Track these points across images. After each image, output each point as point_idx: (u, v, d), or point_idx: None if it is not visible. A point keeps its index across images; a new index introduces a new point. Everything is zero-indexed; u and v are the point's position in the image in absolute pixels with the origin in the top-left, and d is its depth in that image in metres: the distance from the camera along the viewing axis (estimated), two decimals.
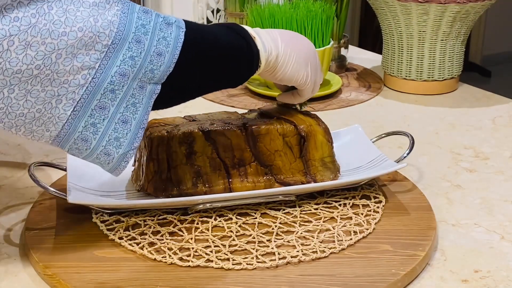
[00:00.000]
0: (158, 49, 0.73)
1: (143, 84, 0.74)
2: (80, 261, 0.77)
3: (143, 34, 0.73)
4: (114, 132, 0.73)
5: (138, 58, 0.72)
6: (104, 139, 0.73)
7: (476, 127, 1.21)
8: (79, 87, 0.70)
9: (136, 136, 0.75)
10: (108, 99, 0.72)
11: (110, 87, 0.72)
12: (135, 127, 0.74)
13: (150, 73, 0.73)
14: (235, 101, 1.33)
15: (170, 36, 0.74)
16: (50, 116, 0.71)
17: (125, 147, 0.74)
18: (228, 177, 0.88)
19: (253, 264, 0.76)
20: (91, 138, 0.73)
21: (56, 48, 0.68)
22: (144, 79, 0.73)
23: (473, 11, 1.31)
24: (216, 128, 0.88)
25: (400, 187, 0.95)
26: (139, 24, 0.73)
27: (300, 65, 0.86)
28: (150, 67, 0.73)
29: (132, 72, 0.72)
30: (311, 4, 1.30)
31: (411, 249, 0.79)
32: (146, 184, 0.86)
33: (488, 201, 0.95)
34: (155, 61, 0.73)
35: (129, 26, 0.72)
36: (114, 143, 0.74)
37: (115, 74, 0.71)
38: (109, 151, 0.74)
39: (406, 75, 1.37)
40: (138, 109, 0.74)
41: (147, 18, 0.74)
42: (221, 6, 1.52)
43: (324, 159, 0.91)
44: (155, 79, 0.74)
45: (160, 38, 0.73)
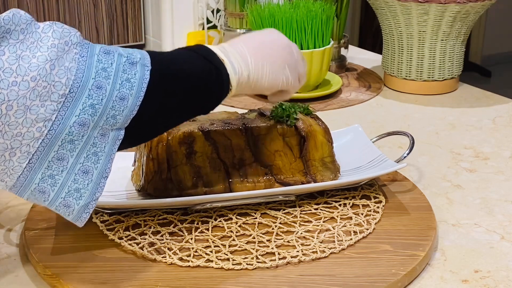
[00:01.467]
0: (121, 93, 0.67)
1: (104, 131, 0.68)
2: (80, 261, 0.77)
3: (104, 78, 0.67)
4: (74, 183, 0.68)
5: (99, 106, 0.66)
6: (63, 191, 0.68)
7: (476, 127, 1.21)
8: (34, 140, 0.65)
9: (98, 186, 0.70)
10: (66, 150, 0.67)
11: (68, 138, 0.66)
12: (97, 177, 0.69)
13: (112, 119, 0.68)
14: (235, 101, 1.33)
15: (135, 77, 0.68)
16: (4, 168, 0.65)
17: (86, 198, 0.69)
18: (228, 177, 0.88)
19: (253, 264, 0.76)
20: (49, 190, 0.67)
21: (6, 99, 0.62)
22: (105, 126, 0.68)
23: (473, 11, 1.31)
24: (216, 128, 0.88)
25: (400, 187, 0.95)
26: (100, 67, 0.67)
27: (276, 72, 0.81)
28: (112, 113, 0.67)
29: (92, 120, 0.66)
30: (311, 4, 1.30)
31: (411, 249, 0.79)
32: (146, 184, 0.86)
33: (488, 201, 0.95)
34: (118, 106, 0.67)
35: (88, 71, 0.66)
36: (74, 194, 0.68)
37: (74, 124, 0.66)
38: (69, 202, 0.69)
39: (406, 75, 1.37)
40: (100, 158, 0.69)
41: (108, 60, 0.68)
42: (221, 6, 1.52)
43: (324, 159, 0.91)
44: (117, 124, 0.68)
45: (123, 81, 0.68)
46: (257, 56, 0.80)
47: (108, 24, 1.60)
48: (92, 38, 1.58)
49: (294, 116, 0.90)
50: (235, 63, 0.78)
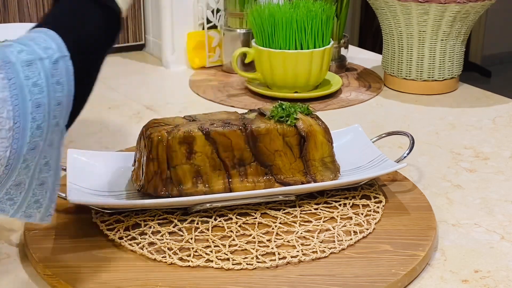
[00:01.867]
0: (57, 99, 0.64)
1: (51, 141, 0.66)
2: (80, 261, 0.77)
3: (39, 94, 0.63)
4: (33, 197, 0.67)
5: (44, 123, 0.63)
6: (23, 206, 0.67)
7: (476, 127, 1.21)
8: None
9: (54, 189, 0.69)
10: (23, 175, 0.64)
11: (24, 165, 0.63)
12: (53, 183, 0.68)
13: (55, 127, 0.65)
14: (235, 101, 1.33)
15: (62, 75, 0.65)
16: None
17: (46, 205, 0.69)
18: (228, 177, 0.88)
19: (253, 264, 0.76)
20: (8, 209, 0.66)
21: None
22: (51, 136, 0.65)
23: (473, 11, 1.31)
24: (216, 128, 0.88)
25: (400, 187, 0.95)
26: (31, 84, 0.62)
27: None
28: (55, 121, 0.65)
29: (41, 140, 0.64)
30: (311, 4, 1.30)
31: (411, 249, 0.79)
32: (146, 184, 0.86)
33: (488, 201, 0.95)
34: (58, 113, 0.65)
35: (22, 94, 0.61)
36: (34, 205, 0.68)
37: (27, 151, 0.62)
38: (30, 213, 0.68)
39: (406, 75, 1.37)
40: (52, 165, 0.67)
41: (34, 72, 0.63)
42: (221, 6, 1.52)
43: (324, 159, 0.91)
44: (60, 127, 0.66)
45: (55, 86, 0.64)
46: None
47: None
48: None
49: (294, 116, 0.90)
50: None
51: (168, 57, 1.54)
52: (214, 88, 1.41)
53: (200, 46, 1.53)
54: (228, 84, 1.43)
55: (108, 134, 1.18)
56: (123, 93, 1.37)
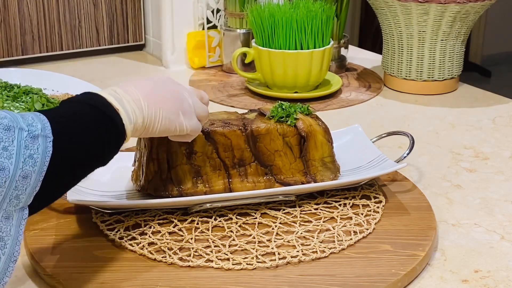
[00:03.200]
0: (24, 171, 0.62)
1: (8, 214, 0.63)
2: (80, 261, 0.77)
3: (6, 158, 0.61)
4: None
5: (2, 189, 0.61)
6: None
7: (476, 127, 1.21)
8: None
9: (6, 271, 0.64)
10: None
11: None
12: (5, 262, 0.64)
13: (15, 200, 0.62)
14: (235, 101, 1.33)
15: (37, 152, 0.63)
16: None
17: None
18: (228, 177, 0.88)
19: (253, 264, 0.76)
20: None
21: None
22: (9, 208, 0.62)
23: (473, 11, 1.31)
24: (216, 128, 0.88)
25: (400, 187, 0.95)
26: (1, 147, 0.61)
27: (170, 118, 0.78)
28: (16, 193, 0.62)
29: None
30: (311, 4, 1.30)
31: (411, 249, 0.79)
32: (146, 184, 0.86)
33: (488, 201, 0.95)
34: (21, 186, 0.62)
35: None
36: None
37: None
38: None
39: (406, 75, 1.37)
40: (7, 242, 0.63)
41: (9, 137, 0.62)
42: (221, 6, 1.52)
43: (324, 159, 0.91)
44: (21, 204, 0.63)
45: (26, 158, 0.62)
46: (150, 101, 0.76)
47: (108, 24, 1.60)
48: (92, 38, 1.58)
49: (294, 116, 0.90)
50: (130, 111, 0.74)
51: (168, 57, 1.54)
52: (214, 88, 1.41)
53: (200, 46, 1.53)
54: (228, 84, 1.43)
55: None
56: None
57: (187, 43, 1.53)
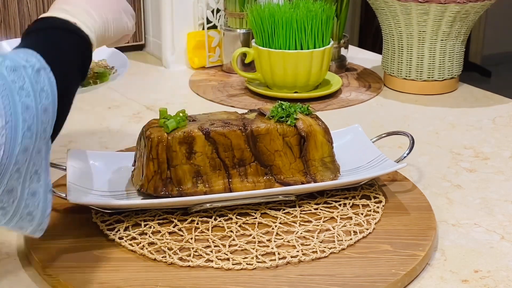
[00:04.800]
0: (43, 105, 0.65)
1: (39, 148, 0.66)
2: (80, 261, 0.77)
3: (26, 97, 0.64)
4: (26, 209, 0.66)
5: (34, 126, 0.64)
6: (15, 218, 0.65)
7: (476, 127, 1.21)
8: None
9: (46, 202, 0.68)
10: (14, 180, 0.63)
11: (15, 168, 0.62)
12: (44, 194, 0.67)
13: (43, 133, 0.66)
14: (235, 101, 1.33)
15: (46, 84, 0.66)
16: None
17: (38, 218, 0.68)
18: (228, 177, 0.88)
19: (253, 264, 0.76)
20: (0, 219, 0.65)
21: None
22: (39, 142, 0.65)
23: (473, 11, 1.31)
24: (216, 128, 0.88)
25: (400, 187, 0.95)
26: (18, 87, 0.63)
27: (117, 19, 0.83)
28: (43, 127, 0.65)
29: (31, 142, 0.64)
30: (311, 4, 1.30)
31: (411, 249, 0.79)
32: (146, 184, 0.86)
33: (488, 201, 0.95)
34: (45, 119, 0.65)
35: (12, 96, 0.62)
36: (26, 218, 0.66)
37: (19, 153, 0.62)
38: (22, 225, 0.67)
39: (406, 75, 1.37)
40: (41, 175, 0.67)
41: (20, 77, 0.64)
42: (221, 6, 1.52)
43: (324, 159, 0.91)
44: (47, 136, 0.67)
45: (40, 92, 0.65)
46: (97, 8, 0.80)
47: None
48: None
49: (294, 116, 0.90)
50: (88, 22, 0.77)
51: (168, 57, 1.54)
52: (214, 88, 1.41)
53: (200, 46, 1.53)
54: (228, 84, 1.43)
55: (108, 134, 1.18)
56: (123, 93, 1.37)
57: (187, 43, 1.53)
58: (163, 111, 0.89)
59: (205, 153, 0.87)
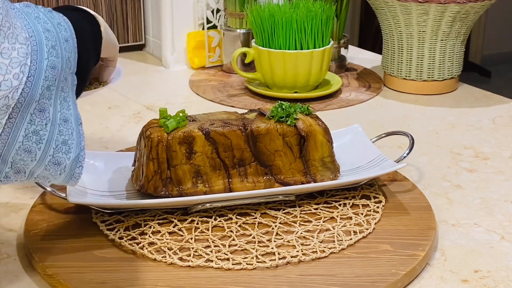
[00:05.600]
0: (63, 35, 0.69)
1: (66, 75, 0.69)
2: (80, 261, 0.77)
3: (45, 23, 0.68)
4: (60, 136, 0.66)
5: (58, 47, 0.67)
6: (51, 147, 0.65)
7: (476, 127, 1.21)
8: (13, 90, 0.61)
9: (80, 134, 0.68)
10: (46, 98, 0.65)
11: (46, 84, 0.64)
12: (76, 125, 0.68)
13: (68, 61, 0.69)
14: (235, 101, 1.33)
15: (60, 20, 0.71)
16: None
17: (74, 150, 0.68)
18: (228, 177, 0.88)
19: (253, 264, 0.76)
20: (35, 148, 0.64)
21: None
22: (66, 69, 0.69)
23: (473, 11, 1.31)
24: (216, 128, 0.88)
25: (400, 187, 0.95)
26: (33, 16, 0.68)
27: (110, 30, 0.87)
28: (67, 55, 0.69)
29: (58, 62, 0.67)
30: (311, 4, 1.30)
31: (411, 249, 0.79)
32: (146, 184, 0.86)
33: (488, 201, 0.95)
34: (67, 48, 0.69)
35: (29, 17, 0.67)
36: (62, 148, 0.66)
37: (47, 68, 0.65)
38: (59, 159, 0.66)
39: (406, 75, 1.37)
40: (70, 103, 0.68)
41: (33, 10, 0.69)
42: (221, 6, 1.52)
43: (324, 159, 0.91)
44: (72, 67, 0.70)
45: (58, 24, 0.70)
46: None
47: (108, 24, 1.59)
48: None
49: (294, 116, 0.90)
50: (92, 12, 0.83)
51: (168, 57, 1.54)
52: (214, 88, 1.41)
53: (200, 46, 1.53)
54: (228, 84, 1.43)
55: (108, 134, 1.18)
56: (123, 93, 1.37)
57: (187, 43, 1.53)
58: (163, 111, 0.89)
59: (205, 153, 0.87)
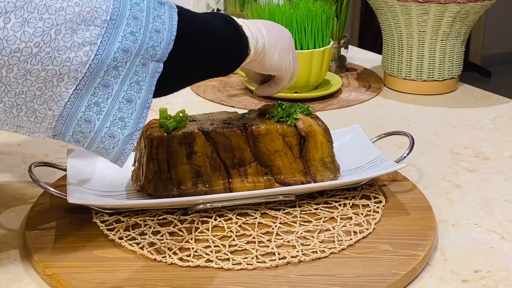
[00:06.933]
0: (155, 26, 0.73)
1: (145, 61, 0.73)
2: (80, 261, 0.77)
3: (138, 11, 0.72)
4: (119, 112, 0.72)
5: (139, 34, 0.71)
6: (108, 120, 0.72)
7: (476, 127, 1.21)
8: (82, 64, 0.69)
9: (141, 116, 0.73)
10: (111, 76, 0.71)
11: (113, 63, 0.70)
12: (140, 107, 0.73)
13: (151, 49, 0.73)
14: (235, 101, 1.33)
15: (165, 14, 0.74)
16: (51, 95, 0.69)
17: (130, 128, 0.73)
18: (228, 177, 0.88)
19: (253, 264, 0.76)
20: (94, 119, 0.71)
21: (55, 24, 0.66)
22: (146, 56, 0.72)
23: (473, 11, 1.31)
24: (216, 128, 0.88)
25: (400, 187, 0.95)
26: (133, 2, 0.72)
27: (284, 52, 0.87)
28: (151, 43, 0.72)
29: (134, 48, 0.71)
30: (311, 4, 1.30)
31: (411, 249, 0.79)
32: (146, 184, 0.86)
33: (488, 201, 0.95)
34: (155, 38, 0.72)
35: (124, 3, 0.71)
36: (119, 123, 0.72)
37: (117, 50, 0.70)
38: (114, 132, 0.72)
39: (406, 75, 1.37)
40: (142, 87, 0.73)
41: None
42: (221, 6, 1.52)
43: (324, 159, 0.91)
44: (157, 56, 0.73)
45: (155, 16, 0.73)
46: (271, 33, 0.85)
47: None
48: None
49: (294, 116, 0.90)
50: (253, 31, 0.83)
51: None
52: (214, 88, 1.41)
53: None
54: (228, 84, 1.43)
55: None
56: None
57: None
58: (163, 111, 0.89)
59: (205, 153, 0.87)
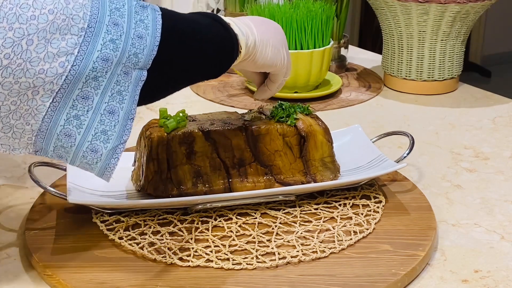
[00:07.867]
0: (137, 32, 0.69)
1: (127, 70, 0.69)
2: (80, 261, 0.77)
3: (119, 17, 0.68)
4: (101, 125, 0.68)
5: (119, 41, 0.67)
6: (90, 133, 0.68)
7: (476, 127, 1.21)
8: (57, 76, 0.65)
9: (125, 128, 0.70)
10: (91, 87, 0.67)
11: (92, 74, 0.66)
12: (124, 118, 0.69)
13: (134, 57, 0.68)
14: (235, 101, 1.33)
15: (148, 18, 0.70)
16: (28, 108, 0.65)
17: (113, 141, 0.69)
18: (228, 177, 0.88)
19: (253, 264, 0.76)
20: (75, 133, 0.67)
21: (26, 34, 0.62)
22: (128, 64, 0.68)
23: (473, 11, 1.31)
24: (216, 128, 0.88)
25: (400, 187, 0.95)
26: (113, 7, 0.68)
27: (277, 47, 0.85)
28: (134, 50, 0.68)
29: (115, 56, 0.67)
30: (311, 4, 1.30)
31: (411, 249, 0.79)
32: (146, 184, 0.86)
33: (488, 201, 0.95)
34: (137, 44, 0.68)
35: (102, 9, 0.67)
36: (101, 137, 0.68)
37: (97, 59, 0.66)
38: (96, 146, 0.68)
39: (406, 75, 1.37)
40: (125, 97, 0.69)
41: (120, 1, 0.69)
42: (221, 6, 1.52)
43: (324, 159, 0.91)
44: (140, 63, 0.69)
45: (137, 21, 0.69)
46: (261, 29, 0.83)
47: None
48: None
49: (294, 116, 0.90)
50: (242, 28, 0.80)
51: None
52: (214, 88, 1.41)
53: None
54: (228, 84, 1.43)
55: None
56: None
57: None
58: (163, 111, 0.89)
59: (205, 153, 0.87)
